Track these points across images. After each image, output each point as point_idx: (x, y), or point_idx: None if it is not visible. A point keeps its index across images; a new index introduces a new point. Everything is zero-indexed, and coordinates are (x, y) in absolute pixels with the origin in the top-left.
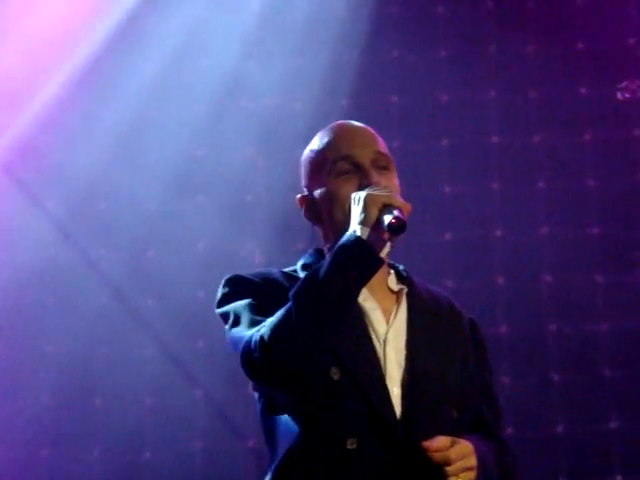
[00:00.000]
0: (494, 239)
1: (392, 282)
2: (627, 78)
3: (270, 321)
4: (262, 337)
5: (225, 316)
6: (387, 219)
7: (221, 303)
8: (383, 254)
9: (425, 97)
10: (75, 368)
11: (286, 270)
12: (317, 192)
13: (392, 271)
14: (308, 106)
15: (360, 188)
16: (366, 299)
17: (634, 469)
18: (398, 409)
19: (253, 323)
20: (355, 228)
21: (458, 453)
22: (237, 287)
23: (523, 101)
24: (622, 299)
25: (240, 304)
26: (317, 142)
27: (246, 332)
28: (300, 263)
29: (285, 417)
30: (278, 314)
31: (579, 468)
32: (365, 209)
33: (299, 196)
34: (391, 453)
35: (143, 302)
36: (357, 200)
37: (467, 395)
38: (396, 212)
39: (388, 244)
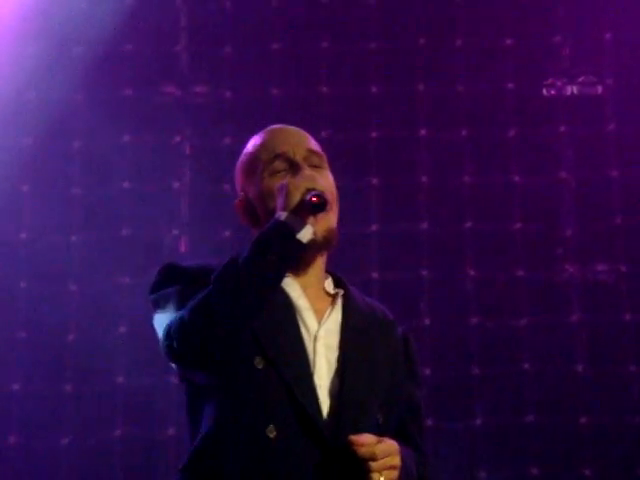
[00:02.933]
0: (419, 232)
1: (329, 286)
2: (553, 75)
3: (190, 304)
4: (182, 319)
5: (155, 303)
6: (307, 198)
7: (152, 290)
8: (305, 238)
9: (355, 89)
10: None
11: None
12: (253, 193)
13: (329, 277)
14: (238, 94)
15: None
16: (299, 297)
17: (551, 462)
18: (326, 404)
19: (179, 309)
20: (278, 214)
21: (384, 450)
22: (169, 275)
23: (451, 95)
24: (542, 294)
25: (169, 291)
26: (251, 145)
27: (171, 317)
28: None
29: (209, 406)
30: (199, 297)
31: (496, 460)
32: (288, 194)
33: (236, 201)
34: (312, 444)
35: (65, 287)
36: (281, 188)
37: (392, 403)
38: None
39: (310, 229)
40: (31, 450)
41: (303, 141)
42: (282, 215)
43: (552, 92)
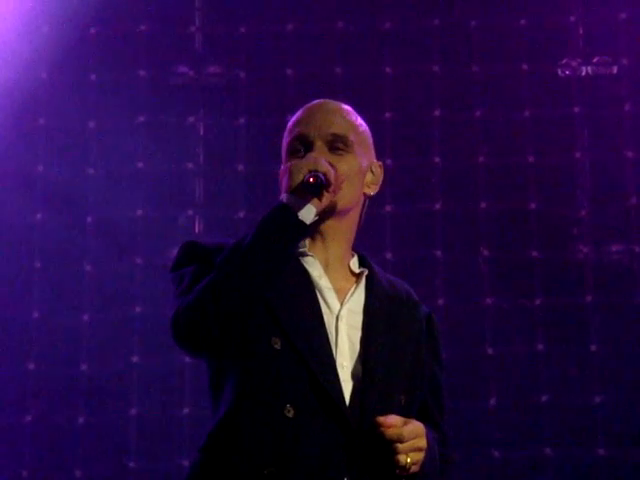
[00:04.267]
0: (433, 213)
1: (354, 265)
2: (568, 55)
3: (197, 287)
4: (188, 302)
5: (173, 282)
6: (305, 179)
7: (172, 268)
8: (307, 219)
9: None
10: (7, 332)
11: None
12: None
13: (355, 255)
14: (252, 75)
15: None
16: (321, 277)
17: (563, 441)
18: (348, 385)
19: (192, 290)
20: (282, 196)
21: (410, 432)
22: (187, 253)
23: (466, 76)
24: (556, 275)
25: (186, 270)
26: (290, 121)
27: (183, 297)
28: None
29: (228, 385)
30: (205, 279)
31: (510, 440)
32: (290, 176)
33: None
34: (333, 424)
35: (80, 268)
36: (284, 170)
37: (415, 384)
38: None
39: (313, 210)
40: (48, 428)
41: (328, 123)
42: (284, 197)
43: (567, 72)
